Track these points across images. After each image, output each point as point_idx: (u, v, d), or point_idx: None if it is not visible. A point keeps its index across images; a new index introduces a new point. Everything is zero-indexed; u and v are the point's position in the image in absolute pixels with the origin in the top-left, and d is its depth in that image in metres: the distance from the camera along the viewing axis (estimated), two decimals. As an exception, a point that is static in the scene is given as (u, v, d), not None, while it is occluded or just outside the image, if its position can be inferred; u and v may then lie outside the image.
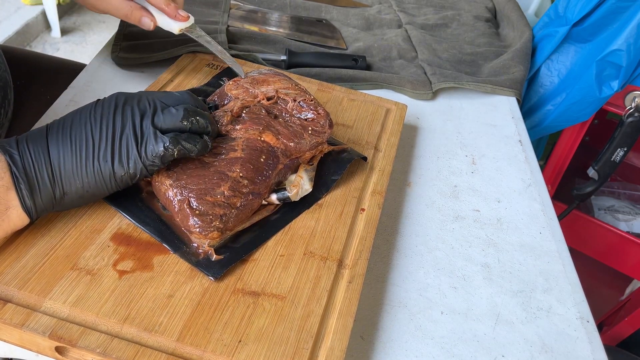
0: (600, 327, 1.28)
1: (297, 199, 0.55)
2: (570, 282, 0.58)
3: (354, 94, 0.75)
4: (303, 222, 0.54)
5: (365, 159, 0.62)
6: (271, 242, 0.51)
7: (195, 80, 0.71)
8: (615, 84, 0.92)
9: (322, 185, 0.58)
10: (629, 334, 1.20)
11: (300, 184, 0.55)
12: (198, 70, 0.73)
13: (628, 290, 1.39)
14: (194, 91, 0.67)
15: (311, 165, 0.58)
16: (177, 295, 0.45)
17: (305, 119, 0.57)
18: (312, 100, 0.58)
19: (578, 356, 0.51)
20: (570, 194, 1.10)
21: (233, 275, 0.47)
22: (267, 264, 0.49)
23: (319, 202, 0.56)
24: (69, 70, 0.82)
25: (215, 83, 0.71)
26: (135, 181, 0.48)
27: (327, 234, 0.53)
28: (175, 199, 0.48)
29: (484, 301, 0.54)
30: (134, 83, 0.76)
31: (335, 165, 0.59)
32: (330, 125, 0.58)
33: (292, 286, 0.47)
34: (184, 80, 0.71)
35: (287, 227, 0.53)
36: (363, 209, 0.57)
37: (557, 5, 1.00)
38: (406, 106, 0.74)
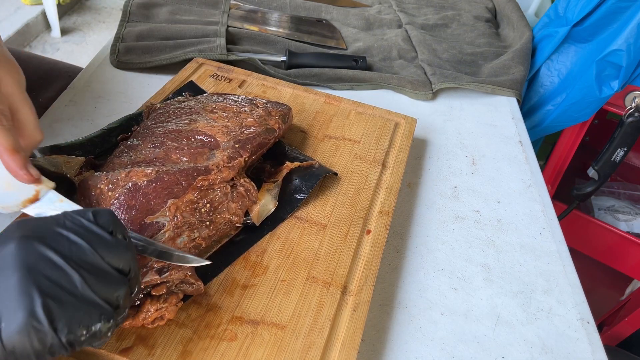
0: (600, 327, 1.28)
1: (260, 220, 0.53)
2: (570, 283, 0.58)
3: (361, 106, 0.72)
4: (306, 244, 0.52)
5: (335, 174, 0.60)
6: (272, 266, 0.49)
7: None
8: (615, 84, 0.92)
9: (287, 205, 0.55)
10: (629, 334, 1.20)
11: (260, 204, 0.53)
12: (202, 81, 0.72)
13: (628, 290, 1.39)
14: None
15: (275, 182, 0.55)
16: (171, 324, 0.43)
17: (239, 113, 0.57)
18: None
19: (578, 357, 0.51)
20: (570, 194, 1.10)
21: (231, 302, 0.46)
22: (267, 289, 0.47)
23: (323, 222, 0.54)
24: (61, 73, 0.81)
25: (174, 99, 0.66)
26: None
27: (331, 258, 0.51)
28: None
29: (484, 302, 0.54)
30: (133, 83, 0.76)
31: (303, 182, 0.57)
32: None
33: (293, 314, 0.46)
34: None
35: (289, 250, 0.51)
36: (369, 231, 0.55)
37: (557, 5, 1.00)
38: (416, 120, 0.71)
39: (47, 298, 0.30)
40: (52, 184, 0.44)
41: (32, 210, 0.43)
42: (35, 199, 0.43)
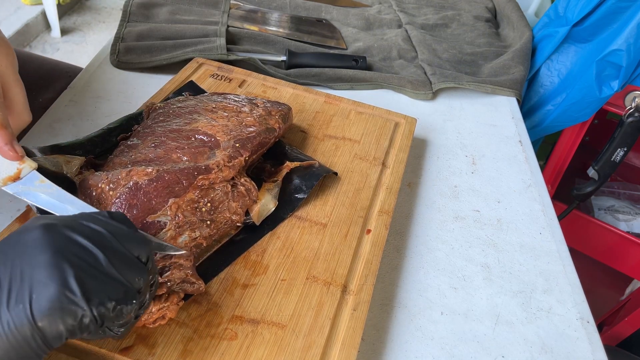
0: (600, 327, 1.28)
1: (260, 219, 0.53)
2: (570, 282, 0.58)
3: (361, 106, 0.72)
4: (306, 244, 0.52)
5: (335, 174, 0.60)
6: (272, 266, 0.49)
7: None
8: (615, 84, 0.92)
9: (287, 204, 0.55)
10: (629, 334, 1.20)
11: (260, 203, 0.53)
12: (202, 80, 0.72)
13: (628, 290, 1.39)
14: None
15: (275, 181, 0.55)
16: (172, 323, 0.43)
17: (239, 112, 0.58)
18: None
19: (578, 357, 0.51)
20: (570, 194, 1.10)
21: (232, 301, 0.46)
22: (267, 289, 0.47)
23: (323, 221, 0.54)
24: (62, 73, 0.81)
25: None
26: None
27: (332, 257, 0.51)
28: None
29: (484, 302, 0.54)
30: (133, 83, 0.76)
31: (303, 182, 0.57)
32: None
33: (293, 313, 0.46)
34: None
35: (289, 249, 0.51)
36: (369, 230, 0.55)
37: (557, 5, 1.00)
38: (416, 120, 0.71)
39: (78, 270, 0.31)
40: (34, 164, 0.44)
41: (12, 188, 0.43)
42: (16, 178, 0.43)
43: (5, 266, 0.31)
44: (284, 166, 0.57)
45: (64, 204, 0.43)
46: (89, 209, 0.43)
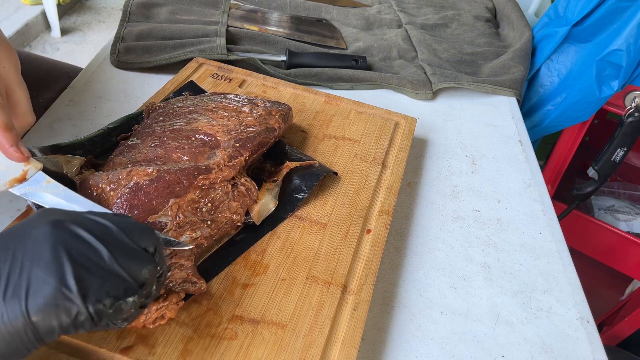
0: (600, 327, 1.28)
1: (260, 219, 0.52)
2: (570, 282, 0.58)
3: (361, 106, 0.72)
4: (306, 244, 0.52)
5: (335, 174, 0.60)
6: (273, 265, 0.49)
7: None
8: (615, 84, 0.92)
9: (287, 204, 0.55)
10: (629, 334, 1.20)
11: (260, 203, 0.53)
12: (202, 80, 0.72)
13: (628, 290, 1.39)
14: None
15: (275, 181, 0.55)
16: (172, 323, 0.43)
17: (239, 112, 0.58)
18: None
19: (578, 356, 0.51)
20: (570, 194, 1.10)
21: (232, 301, 0.46)
22: (267, 288, 0.47)
23: (323, 221, 0.54)
24: (61, 73, 0.81)
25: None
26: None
27: (332, 257, 0.51)
28: None
29: (484, 301, 0.54)
30: (133, 83, 0.76)
31: (303, 182, 0.56)
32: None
33: (293, 313, 0.45)
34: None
35: (289, 249, 0.51)
36: (369, 230, 0.54)
37: (557, 5, 1.00)
38: (416, 120, 0.71)
39: (78, 267, 0.31)
40: (40, 164, 0.44)
41: (19, 190, 0.43)
42: (22, 179, 0.43)
43: (6, 257, 0.31)
44: (284, 166, 0.57)
45: (71, 204, 0.43)
46: (95, 207, 0.43)
